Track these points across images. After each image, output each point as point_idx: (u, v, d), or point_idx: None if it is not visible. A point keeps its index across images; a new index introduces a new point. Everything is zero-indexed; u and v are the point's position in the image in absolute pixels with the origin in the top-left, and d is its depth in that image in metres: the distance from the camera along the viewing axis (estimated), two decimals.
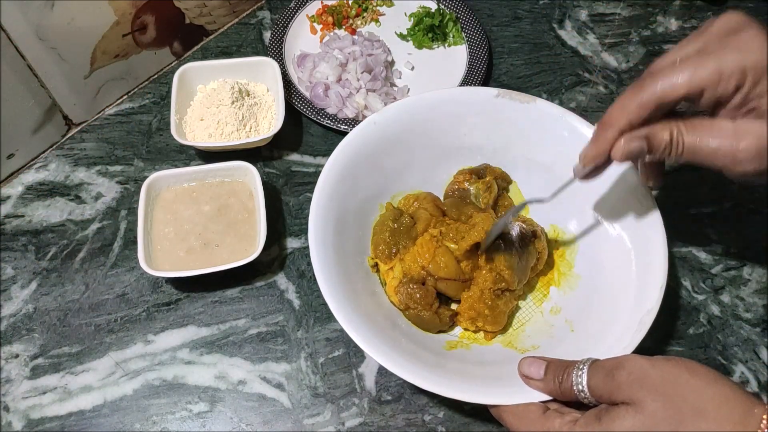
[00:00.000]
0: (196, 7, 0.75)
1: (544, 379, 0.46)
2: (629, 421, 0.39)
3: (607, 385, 0.41)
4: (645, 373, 0.40)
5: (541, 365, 0.46)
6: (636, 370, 0.40)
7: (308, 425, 0.55)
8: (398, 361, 0.48)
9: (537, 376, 0.46)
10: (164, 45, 0.75)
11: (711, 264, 0.64)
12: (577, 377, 0.43)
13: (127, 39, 0.71)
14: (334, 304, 0.50)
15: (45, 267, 0.62)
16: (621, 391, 0.40)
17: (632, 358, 0.41)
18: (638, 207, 0.55)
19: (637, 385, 0.39)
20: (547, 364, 0.46)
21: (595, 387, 0.42)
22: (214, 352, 0.58)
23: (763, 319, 0.61)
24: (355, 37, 0.76)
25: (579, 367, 0.44)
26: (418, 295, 0.54)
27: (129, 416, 0.55)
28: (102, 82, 0.71)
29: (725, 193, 0.68)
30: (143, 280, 0.62)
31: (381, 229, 0.58)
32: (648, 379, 0.39)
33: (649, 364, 0.40)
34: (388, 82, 0.74)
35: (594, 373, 0.43)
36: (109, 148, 0.70)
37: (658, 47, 0.80)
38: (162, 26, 0.73)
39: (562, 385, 0.44)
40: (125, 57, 0.72)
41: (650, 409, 0.38)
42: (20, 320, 0.59)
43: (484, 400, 0.47)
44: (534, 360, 0.47)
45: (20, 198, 0.67)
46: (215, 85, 0.70)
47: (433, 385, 0.47)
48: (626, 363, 0.41)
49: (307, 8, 0.79)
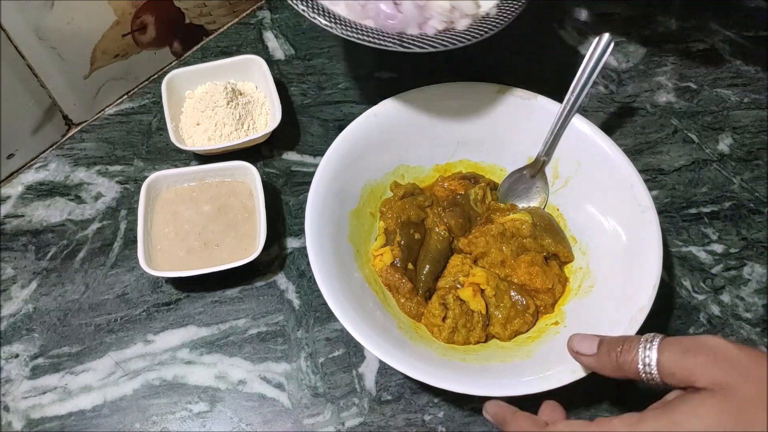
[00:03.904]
0: (195, 7, 0.75)
1: (596, 354, 0.43)
2: (717, 407, 0.34)
3: (686, 363, 0.36)
4: (732, 354, 0.35)
5: (594, 340, 0.44)
6: (721, 350, 0.36)
7: (308, 425, 0.55)
8: (400, 357, 0.48)
9: (589, 351, 0.44)
10: (164, 45, 0.75)
11: (711, 264, 0.64)
12: (645, 351, 0.39)
13: (127, 39, 0.70)
14: (333, 301, 0.50)
15: (45, 267, 0.62)
16: (705, 373, 0.35)
17: (712, 338, 0.37)
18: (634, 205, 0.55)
19: (727, 366, 0.35)
20: (600, 340, 0.44)
21: (668, 364, 0.37)
22: (214, 352, 0.58)
23: (763, 319, 0.60)
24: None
25: (648, 340, 0.40)
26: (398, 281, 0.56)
27: (129, 416, 0.55)
28: (102, 81, 0.71)
29: (725, 192, 0.68)
30: (143, 280, 0.62)
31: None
32: (737, 362, 0.35)
33: (732, 345, 0.36)
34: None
35: (667, 349, 0.38)
36: (109, 148, 0.70)
37: (658, 47, 0.80)
38: (162, 26, 0.73)
39: (620, 357, 0.40)
40: (125, 57, 0.72)
41: (743, 393, 0.34)
42: (20, 320, 0.59)
43: (490, 392, 0.47)
44: (585, 336, 0.45)
45: (20, 198, 0.67)
46: (205, 88, 0.70)
47: (437, 380, 0.47)
48: (707, 342, 0.37)
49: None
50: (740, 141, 0.72)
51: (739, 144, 0.72)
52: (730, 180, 0.69)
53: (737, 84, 0.77)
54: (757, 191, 0.68)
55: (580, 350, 0.44)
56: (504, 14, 0.56)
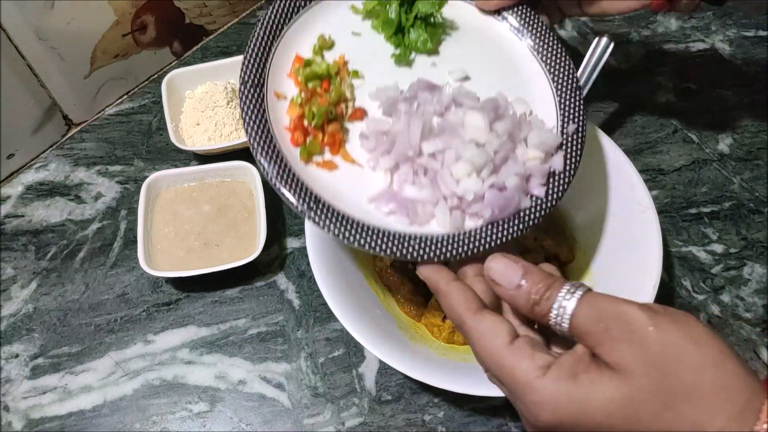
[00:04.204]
0: (195, 7, 0.75)
1: (517, 290, 0.37)
2: (611, 392, 0.32)
3: (596, 331, 0.34)
4: (645, 336, 0.32)
5: (517, 272, 0.37)
6: (636, 328, 0.33)
7: (308, 425, 0.55)
8: (399, 357, 0.48)
9: (509, 283, 0.37)
10: (164, 45, 0.75)
11: (711, 264, 0.64)
12: (562, 302, 0.35)
13: (127, 39, 0.70)
14: (333, 302, 0.50)
15: (45, 267, 0.62)
16: (612, 350, 0.33)
17: (635, 312, 0.33)
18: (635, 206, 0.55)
19: (634, 350, 0.32)
20: (524, 270, 0.37)
21: (581, 325, 0.34)
22: (214, 352, 0.58)
23: (763, 319, 0.60)
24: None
25: (569, 290, 0.35)
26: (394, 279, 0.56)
27: (129, 416, 0.55)
28: (102, 81, 0.71)
29: (725, 192, 0.68)
30: (143, 280, 0.62)
31: None
32: (646, 346, 0.32)
33: (652, 324, 0.33)
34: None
35: (586, 308, 0.35)
36: (109, 148, 0.70)
37: (658, 47, 0.80)
38: (162, 26, 0.73)
39: (537, 306, 0.36)
40: (125, 57, 0.72)
41: (639, 384, 0.32)
42: (20, 320, 0.59)
43: (490, 392, 0.46)
44: (508, 263, 0.38)
45: (20, 198, 0.67)
46: (205, 88, 0.70)
47: (437, 380, 0.47)
48: (627, 314, 0.33)
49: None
50: (740, 141, 0.72)
51: (739, 144, 0.72)
52: (730, 180, 0.69)
53: (737, 84, 0.76)
54: (757, 191, 0.68)
55: (500, 280, 0.38)
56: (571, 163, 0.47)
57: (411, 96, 0.47)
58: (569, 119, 0.49)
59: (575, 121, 0.48)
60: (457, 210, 0.43)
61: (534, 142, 0.45)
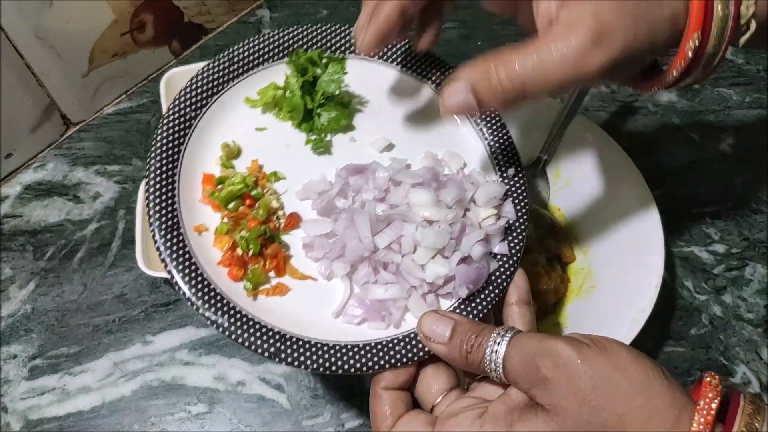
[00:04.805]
0: (194, 6, 0.75)
1: (449, 343, 0.38)
2: (548, 429, 0.33)
3: (528, 374, 0.34)
4: (574, 372, 0.33)
5: (448, 324, 0.38)
6: (564, 365, 0.33)
7: (308, 426, 0.54)
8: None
9: (441, 338, 0.38)
10: (163, 44, 0.75)
11: (713, 264, 0.63)
12: (493, 351, 0.36)
13: (125, 38, 0.70)
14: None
15: (43, 267, 0.62)
16: (544, 392, 0.34)
17: (562, 346, 0.34)
18: (637, 205, 0.55)
19: (564, 388, 0.33)
20: (454, 324, 0.38)
21: (513, 368, 0.35)
22: (213, 353, 0.58)
23: (765, 319, 0.60)
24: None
25: (499, 334, 0.36)
26: None
27: (127, 417, 0.55)
28: (100, 81, 0.70)
29: (727, 193, 0.68)
30: (141, 281, 0.61)
31: None
32: (576, 383, 0.33)
33: (579, 358, 0.33)
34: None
35: (514, 353, 0.35)
36: (108, 148, 0.70)
37: None
38: (160, 25, 0.73)
39: (470, 355, 0.37)
40: (124, 56, 0.71)
41: (573, 422, 0.33)
42: (18, 321, 0.59)
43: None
44: (438, 318, 0.39)
45: (18, 198, 0.66)
46: None
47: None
48: (553, 350, 0.34)
49: None
50: (742, 140, 0.72)
51: (741, 143, 0.71)
52: (731, 180, 0.69)
53: (739, 83, 0.76)
54: (759, 191, 0.68)
55: (431, 335, 0.38)
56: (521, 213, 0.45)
57: (343, 187, 0.43)
58: (505, 163, 0.46)
59: (511, 164, 0.46)
60: (431, 294, 0.41)
61: (483, 200, 0.43)
